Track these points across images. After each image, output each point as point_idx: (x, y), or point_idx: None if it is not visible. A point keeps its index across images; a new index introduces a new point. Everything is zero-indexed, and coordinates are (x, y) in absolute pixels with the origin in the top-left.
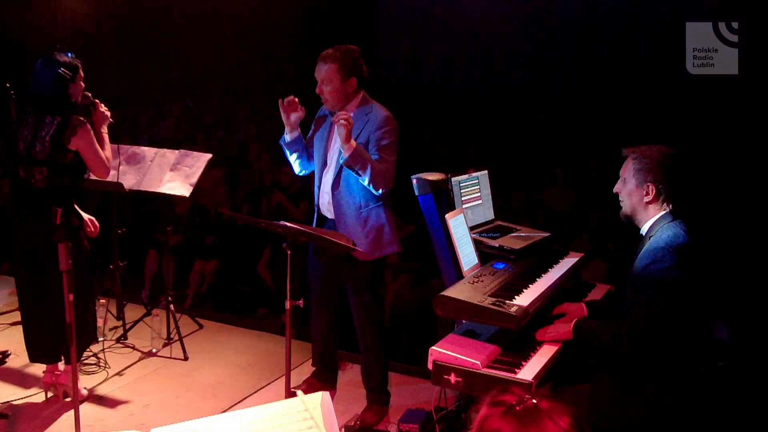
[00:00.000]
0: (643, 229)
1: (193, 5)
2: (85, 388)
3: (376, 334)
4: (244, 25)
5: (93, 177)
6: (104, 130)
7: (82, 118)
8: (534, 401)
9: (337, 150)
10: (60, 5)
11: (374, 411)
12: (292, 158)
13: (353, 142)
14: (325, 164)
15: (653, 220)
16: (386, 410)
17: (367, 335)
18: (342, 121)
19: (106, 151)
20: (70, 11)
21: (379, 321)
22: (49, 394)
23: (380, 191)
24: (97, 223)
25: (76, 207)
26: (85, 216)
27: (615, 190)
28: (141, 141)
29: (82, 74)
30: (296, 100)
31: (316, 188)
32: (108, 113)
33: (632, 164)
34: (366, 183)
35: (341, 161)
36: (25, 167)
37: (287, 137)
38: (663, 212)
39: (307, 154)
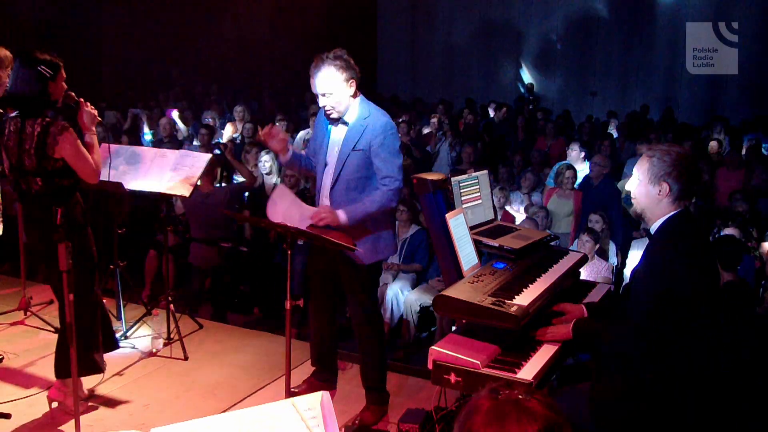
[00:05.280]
0: (653, 228)
1: (193, 6)
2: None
3: (373, 335)
4: (245, 25)
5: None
6: (92, 130)
7: (63, 123)
8: (519, 397)
9: (336, 154)
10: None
11: (373, 411)
12: (301, 170)
13: (342, 218)
14: (325, 167)
15: (664, 219)
16: (385, 410)
17: (364, 336)
18: (321, 222)
19: (95, 155)
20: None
21: (377, 322)
22: (54, 404)
23: (393, 206)
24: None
25: (80, 204)
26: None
27: (627, 187)
28: (141, 141)
29: (63, 74)
30: (273, 130)
31: (318, 191)
32: (94, 112)
33: (647, 162)
34: (377, 215)
35: (339, 169)
36: (21, 179)
37: (281, 160)
38: (675, 212)
39: (310, 161)
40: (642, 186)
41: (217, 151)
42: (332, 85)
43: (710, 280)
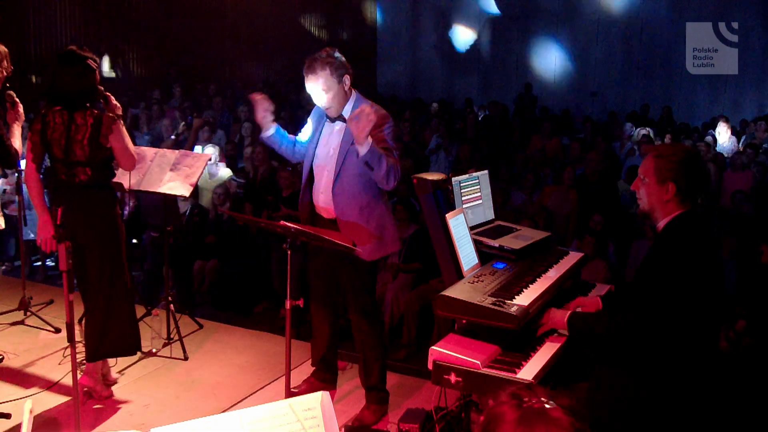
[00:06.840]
0: (659, 227)
1: (193, 5)
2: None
3: (373, 334)
4: (244, 27)
5: None
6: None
7: (113, 115)
8: (546, 405)
9: (333, 148)
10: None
11: (372, 410)
12: (280, 150)
13: (369, 139)
14: (313, 161)
15: (670, 219)
16: (385, 409)
17: (365, 335)
18: (367, 119)
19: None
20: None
21: (376, 321)
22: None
23: (392, 185)
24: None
25: (116, 195)
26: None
27: (632, 187)
28: (140, 141)
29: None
30: (262, 98)
31: (307, 186)
32: (119, 106)
33: (653, 163)
34: (380, 178)
35: (364, 158)
36: (65, 169)
37: (264, 135)
38: (681, 211)
39: (296, 146)
40: (648, 186)
41: (190, 118)
42: (326, 84)
43: (714, 281)
